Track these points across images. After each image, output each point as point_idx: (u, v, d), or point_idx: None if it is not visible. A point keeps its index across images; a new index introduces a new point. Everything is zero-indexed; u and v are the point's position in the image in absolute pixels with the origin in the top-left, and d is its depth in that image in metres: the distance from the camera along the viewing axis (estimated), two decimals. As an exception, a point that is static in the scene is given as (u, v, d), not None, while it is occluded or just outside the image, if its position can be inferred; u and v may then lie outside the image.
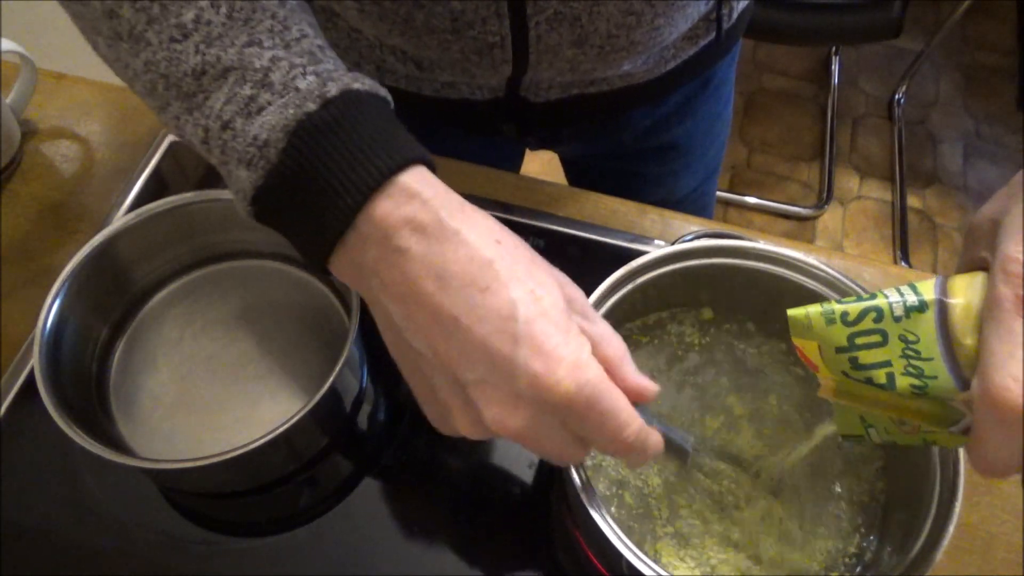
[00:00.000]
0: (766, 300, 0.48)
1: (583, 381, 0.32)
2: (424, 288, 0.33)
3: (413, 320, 0.34)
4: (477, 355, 0.32)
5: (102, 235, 0.51)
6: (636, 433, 0.34)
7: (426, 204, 0.33)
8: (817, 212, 1.79)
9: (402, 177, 0.34)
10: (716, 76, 0.71)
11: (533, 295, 0.33)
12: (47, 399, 0.44)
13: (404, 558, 0.49)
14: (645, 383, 0.36)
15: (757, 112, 1.93)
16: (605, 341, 0.35)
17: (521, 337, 0.32)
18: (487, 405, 0.33)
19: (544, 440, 0.34)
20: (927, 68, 2.02)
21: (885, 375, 0.33)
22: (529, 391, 0.32)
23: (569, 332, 0.33)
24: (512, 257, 0.34)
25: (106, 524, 0.50)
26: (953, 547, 0.37)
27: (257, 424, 0.51)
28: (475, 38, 0.53)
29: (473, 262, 0.33)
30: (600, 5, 0.51)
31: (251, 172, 0.35)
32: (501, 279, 0.33)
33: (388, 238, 0.33)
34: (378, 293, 0.35)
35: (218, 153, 0.36)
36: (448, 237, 0.33)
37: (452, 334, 0.33)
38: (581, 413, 0.33)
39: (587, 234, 0.62)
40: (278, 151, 0.34)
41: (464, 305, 0.32)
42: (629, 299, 0.45)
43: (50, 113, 0.70)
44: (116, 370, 0.54)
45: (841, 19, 1.40)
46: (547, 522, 0.51)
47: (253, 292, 0.57)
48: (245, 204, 0.36)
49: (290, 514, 0.51)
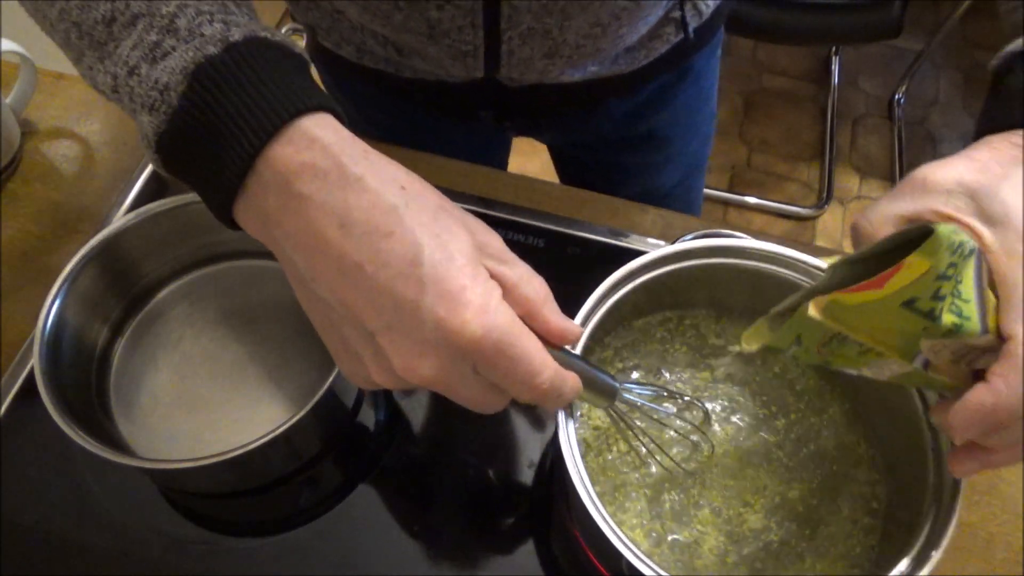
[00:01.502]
0: (766, 300, 0.48)
1: (490, 325, 0.32)
2: (327, 236, 0.32)
3: (318, 270, 0.33)
4: (382, 302, 0.32)
5: (102, 235, 0.51)
6: (550, 380, 0.34)
7: (327, 150, 0.33)
8: (817, 212, 1.79)
9: (303, 122, 0.33)
10: (694, 68, 0.71)
11: (438, 239, 0.32)
12: (47, 399, 0.44)
13: (404, 558, 0.49)
14: (568, 325, 0.36)
15: (757, 112, 1.93)
16: (524, 283, 0.35)
17: (426, 282, 0.31)
18: (395, 353, 0.32)
19: (458, 387, 0.34)
20: (927, 68, 2.02)
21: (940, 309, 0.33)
22: (435, 336, 0.32)
23: (476, 277, 0.32)
24: (417, 204, 0.33)
25: (106, 524, 0.50)
26: (953, 547, 0.37)
27: (257, 424, 0.51)
28: (450, 45, 0.54)
29: (376, 208, 0.32)
30: (570, 20, 0.52)
31: (153, 117, 0.34)
32: (405, 224, 0.32)
33: (288, 183, 0.32)
34: (283, 244, 0.34)
35: (127, 100, 0.36)
36: (350, 183, 0.32)
37: (357, 282, 0.32)
38: (490, 358, 0.32)
39: (587, 234, 0.62)
40: (178, 94, 0.33)
41: (368, 251, 0.32)
42: (629, 299, 0.45)
43: (50, 113, 0.70)
44: (116, 370, 0.54)
45: (841, 19, 1.40)
46: (547, 522, 0.51)
47: (253, 292, 0.57)
48: (151, 152, 0.35)
49: (290, 514, 0.51)
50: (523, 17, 0.52)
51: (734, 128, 1.91)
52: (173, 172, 0.36)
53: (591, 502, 0.37)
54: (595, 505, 0.37)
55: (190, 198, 0.53)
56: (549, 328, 0.35)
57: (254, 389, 0.53)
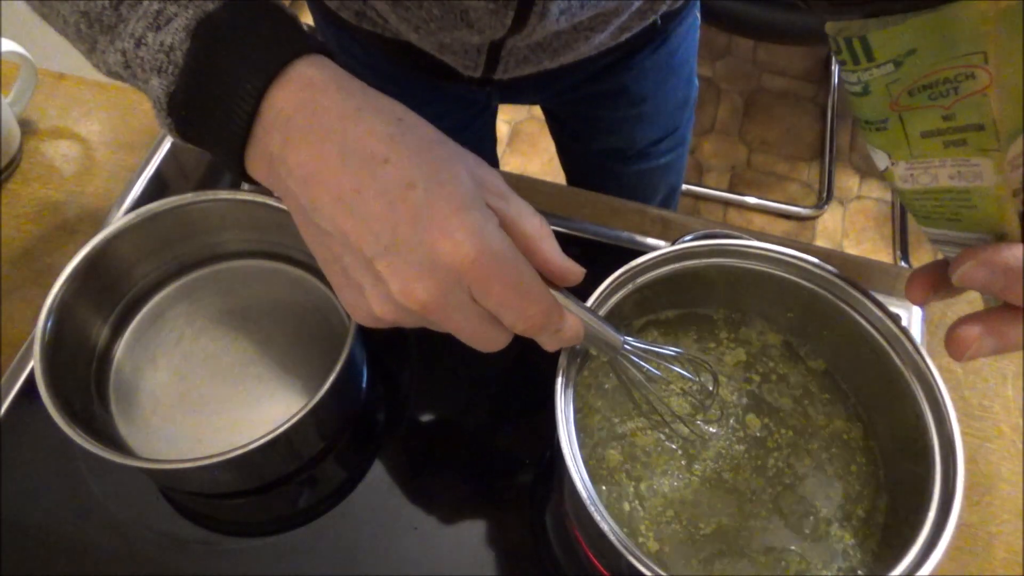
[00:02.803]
0: (766, 300, 0.48)
1: (483, 246, 0.32)
2: (326, 166, 0.33)
3: (318, 200, 0.34)
4: (379, 226, 0.32)
5: (102, 235, 0.51)
6: (546, 311, 0.34)
7: (326, 86, 0.34)
8: (817, 212, 1.79)
9: (300, 63, 0.35)
10: (670, 42, 0.73)
11: (434, 166, 0.33)
12: (47, 399, 0.44)
13: (404, 558, 0.49)
14: (569, 263, 0.36)
15: (757, 112, 1.93)
16: (522, 218, 0.35)
17: (422, 204, 0.32)
18: (393, 277, 0.33)
19: (455, 315, 0.34)
20: (927, 68, 2.02)
21: None
22: (431, 258, 0.32)
23: (472, 202, 0.33)
24: (414, 134, 0.34)
25: (106, 524, 0.50)
26: (953, 547, 0.37)
27: (257, 424, 0.51)
28: (452, 59, 0.59)
29: (373, 136, 0.33)
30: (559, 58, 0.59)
31: (162, 79, 0.35)
32: (401, 152, 0.33)
33: (290, 120, 0.34)
34: (286, 181, 0.35)
35: (139, 72, 0.37)
36: (348, 115, 0.33)
37: (354, 207, 0.33)
38: (483, 281, 0.32)
39: (587, 234, 0.62)
40: (183, 53, 0.35)
41: (365, 178, 0.33)
42: (629, 299, 0.45)
43: (50, 113, 0.70)
44: (116, 370, 0.54)
45: (841, 19, 1.40)
46: (547, 522, 0.51)
47: (253, 292, 0.57)
48: (164, 116, 0.37)
49: (290, 514, 0.51)
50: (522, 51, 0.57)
51: (734, 128, 1.91)
52: (185, 134, 0.37)
53: (591, 502, 0.37)
54: (595, 505, 0.37)
55: (190, 198, 0.53)
56: (549, 265, 0.35)
57: (254, 389, 0.53)
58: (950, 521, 0.37)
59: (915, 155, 0.30)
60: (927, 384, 0.42)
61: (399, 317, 0.35)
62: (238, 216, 0.54)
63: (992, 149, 0.28)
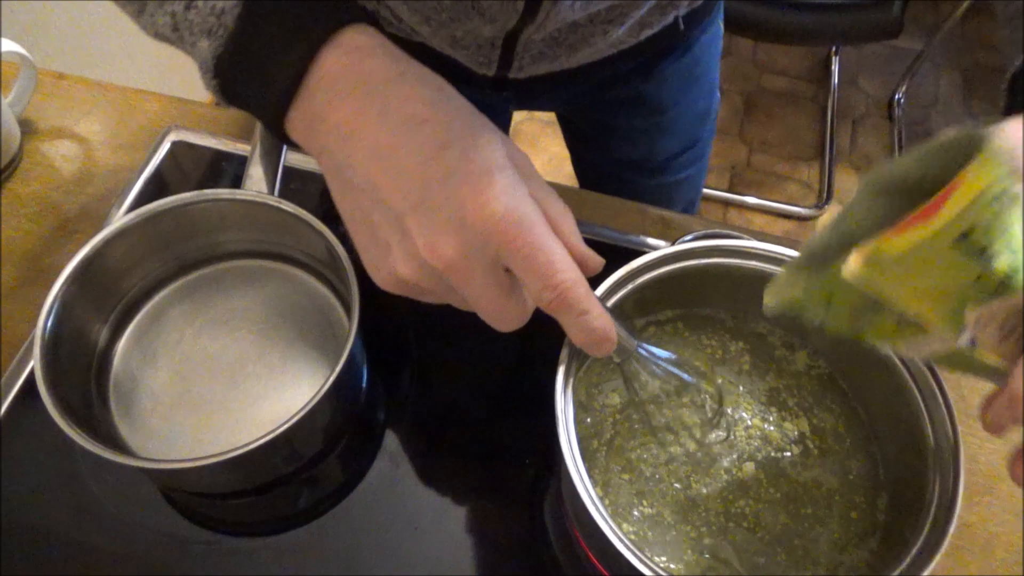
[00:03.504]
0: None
1: (512, 206, 0.32)
2: (366, 123, 0.34)
3: (354, 155, 0.34)
4: (412, 182, 0.33)
5: (102, 235, 0.51)
6: (572, 281, 0.33)
7: (372, 52, 0.35)
8: (817, 212, 1.79)
9: (347, 31, 0.35)
10: (693, 50, 0.72)
11: (470, 130, 0.34)
12: (47, 399, 0.44)
13: (404, 558, 0.49)
14: (589, 251, 0.36)
15: (757, 112, 1.93)
16: (548, 202, 0.35)
17: (455, 163, 0.33)
18: (421, 232, 0.33)
19: (477, 278, 0.34)
20: (927, 68, 2.02)
21: (996, 245, 0.28)
22: (460, 214, 0.32)
23: (504, 167, 0.33)
24: (453, 102, 0.35)
25: (106, 524, 0.50)
26: (953, 547, 0.37)
27: (257, 424, 0.51)
28: (465, 56, 0.58)
29: (414, 98, 0.34)
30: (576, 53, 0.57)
31: (211, 41, 0.36)
32: (439, 115, 0.34)
33: (335, 81, 0.35)
34: (325, 138, 0.35)
35: (187, 35, 0.37)
36: (392, 78, 0.34)
37: (389, 163, 0.33)
38: (511, 241, 0.32)
39: (587, 234, 0.61)
40: (234, 17, 0.35)
41: (403, 135, 0.33)
42: (629, 299, 0.45)
43: (50, 113, 0.70)
44: (116, 370, 0.54)
45: (841, 19, 1.40)
46: (547, 522, 0.51)
47: (253, 292, 0.57)
48: (209, 77, 0.37)
49: (290, 514, 0.51)
50: (537, 45, 0.56)
51: (734, 128, 1.91)
52: (228, 95, 0.38)
53: (591, 502, 0.37)
54: (595, 505, 0.37)
55: (190, 198, 0.53)
56: (570, 247, 0.35)
57: (254, 389, 0.53)
58: (950, 521, 0.37)
59: (898, 341, 0.34)
60: (927, 384, 0.42)
61: (421, 277, 0.34)
62: (238, 216, 0.54)
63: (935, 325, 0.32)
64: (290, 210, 0.52)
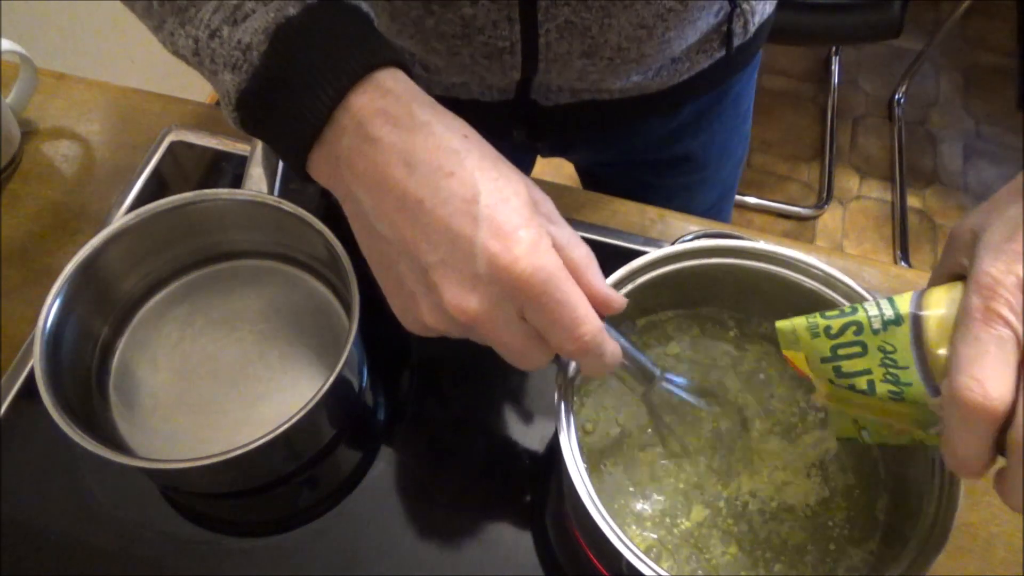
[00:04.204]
0: (766, 300, 0.48)
1: (539, 264, 0.33)
2: (393, 174, 0.34)
3: (381, 206, 0.35)
4: (439, 236, 0.33)
5: (102, 235, 0.51)
6: (593, 333, 0.34)
7: (399, 98, 0.35)
8: (817, 212, 1.79)
9: (377, 74, 0.35)
10: (734, 90, 0.71)
11: (496, 183, 0.34)
12: (47, 399, 0.44)
13: (404, 558, 0.49)
14: (612, 293, 0.37)
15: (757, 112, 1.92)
16: (571, 246, 0.36)
17: (482, 219, 0.33)
18: (447, 287, 0.34)
19: (502, 329, 0.34)
20: (927, 68, 2.02)
21: (866, 382, 0.34)
22: (486, 271, 0.33)
23: (531, 220, 0.34)
24: (479, 151, 0.35)
25: (106, 524, 0.50)
26: (953, 547, 0.37)
27: (257, 424, 0.51)
28: (485, 43, 0.53)
29: (440, 150, 0.34)
30: (612, 18, 0.52)
31: (236, 75, 0.36)
32: (466, 166, 0.34)
33: (362, 127, 0.35)
34: (350, 184, 0.36)
35: (208, 63, 0.37)
36: (418, 128, 0.34)
37: (416, 216, 0.34)
38: (537, 298, 0.33)
39: (587, 234, 0.62)
40: (260, 53, 0.35)
41: (429, 188, 0.33)
42: (630, 299, 0.45)
43: (50, 113, 0.70)
44: (116, 370, 0.54)
45: (841, 19, 1.40)
46: (547, 522, 0.51)
47: (253, 292, 0.57)
48: (230, 109, 0.37)
49: (290, 514, 0.51)
50: (560, 10, 0.51)
51: (734, 128, 1.91)
52: (250, 128, 0.38)
53: (591, 502, 0.37)
54: (595, 505, 0.37)
55: (190, 198, 0.53)
56: (593, 293, 0.36)
57: (254, 389, 0.53)
58: (950, 521, 0.37)
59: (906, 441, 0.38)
60: (927, 384, 0.41)
61: (448, 327, 0.35)
62: (238, 216, 0.54)
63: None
64: (290, 210, 0.52)
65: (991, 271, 0.30)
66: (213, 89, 0.39)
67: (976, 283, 0.30)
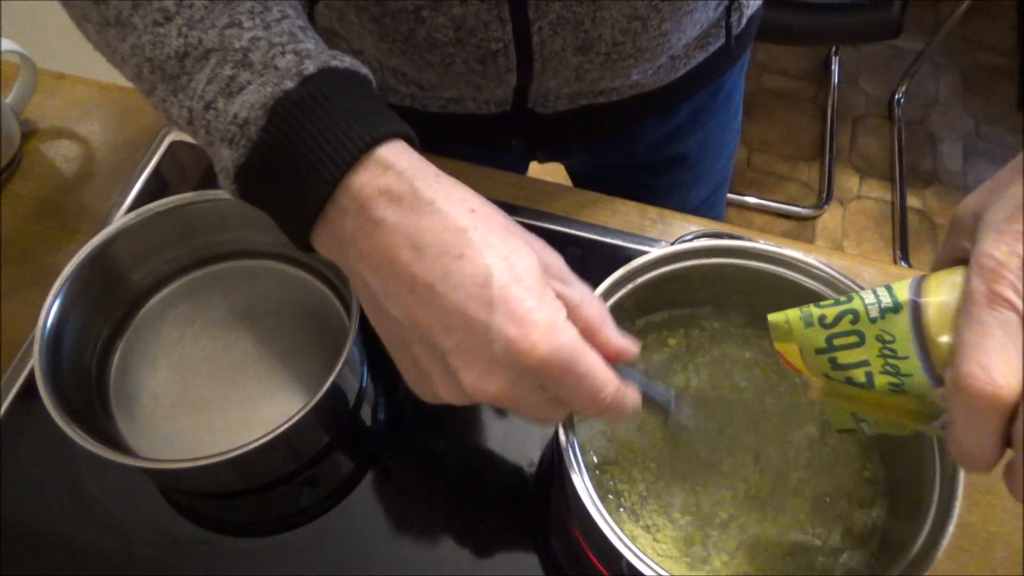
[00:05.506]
0: (766, 300, 0.48)
1: (557, 345, 0.32)
2: (400, 257, 0.33)
3: (390, 289, 0.34)
4: (453, 322, 0.33)
5: (102, 235, 0.51)
6: (613, 394, 0.34)
7: (401, 175, 0.34)
8: (817, 212, 1.79)
9: (379, 150, 0.34)
10: (726, 85, 0.71)
11: (507, 261, 0.33)
12: (47, 399, 0.44)
13: (404, 558, 0.49)
14: (625, 344, 0.36)
15: (757, 112, 1.93)
16: (584, 304, 0.36)
17: (496, 302, 0.32)
18: (465, 371, 0.33)
19: (523, 403, 0.34)
20: (927, 68, 2.02)
21: (864, 374, 0.33)
22: (504, 355, 0.32)
23: (544, 297, 0.33)
24: (486, 225, 0.34)
25: (106, 524, 0.50)
26: (953, 547, 0.37)
27: (257, 424, 0.51)
28: (478, 46, 0.53)
29: (447, 231, 0.33)
30: (603, 11, 0.51)
31: (233, 150, 0.35)
32: (475, 246, 0.33)
33: (365, 209, 0.34)
34: (356, 264, 0.35)
35: (203, 133, 0.36)
36: (423, 207, 0.33)
37: (428, 302, 0.33)
38: (557, 376, 0.33)
39: (587, 234, 0.62)
40: (258, 128, 0.34)
41: (439, 272, 0.33)
42: (629, 299, 0.45)
43: (50, 113, 0.70)
44: (116, 370, 0.54)
45: (841, 19, 1.40)
46: (547, 522, 0.51)
47: (253, 292, 0.57)
48: (228, 183, 0.36)
49: (290, 514, 0.51)
50: (551, 6, 0.50)
51: (734, 128, 1.91)
52: (250, 200, 0.37)
53: (591, 502, 0.37)
54: (595, 505, 0.37)
55: (190, 198, 0.53)
56: (609, 347, 0.36)
57: (254, 389, 0.53)
58: (950, 521, 0.37)
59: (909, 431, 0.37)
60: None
61: (466, 403, 0.36)
62: (238, 216, 0.54)
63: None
64: (290, 210, 0.52)
65: (994, 252, 0.29)
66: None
67: (978, 265, 0.29)
